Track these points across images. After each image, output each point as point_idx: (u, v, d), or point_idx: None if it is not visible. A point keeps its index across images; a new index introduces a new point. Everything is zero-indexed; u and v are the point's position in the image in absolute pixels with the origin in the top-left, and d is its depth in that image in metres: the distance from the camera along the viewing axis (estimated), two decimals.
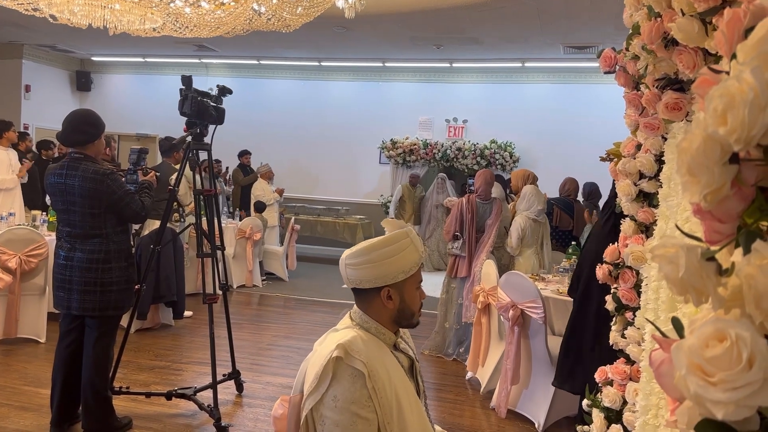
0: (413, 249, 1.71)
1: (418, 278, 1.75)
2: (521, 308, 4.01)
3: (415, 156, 10.43)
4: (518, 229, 5.16)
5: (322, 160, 11.23)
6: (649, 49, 1.57)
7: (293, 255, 8.73)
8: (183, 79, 3.82)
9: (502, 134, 10.22)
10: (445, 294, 5.48)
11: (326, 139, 11.18)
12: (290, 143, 11.29)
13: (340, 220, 10.30)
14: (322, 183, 11.37)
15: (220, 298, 4.08)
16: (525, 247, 5.24)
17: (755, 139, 0.56)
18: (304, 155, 11.31)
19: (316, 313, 6.82)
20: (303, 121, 11.28)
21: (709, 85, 0.70)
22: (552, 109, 10.17)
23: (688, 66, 1.44)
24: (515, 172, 5.87)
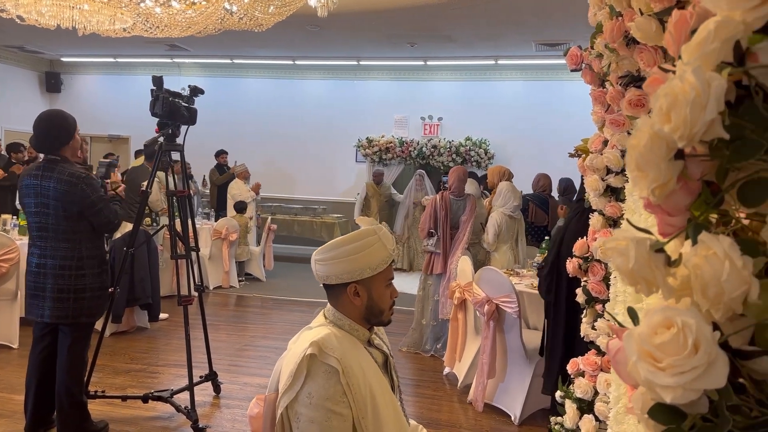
0: (381, 246, 1.72)
1: (387, 276, 1.76)
2: (496, 303, 4.06)
3: (392, 154, 10.45)
4: (494, 225, 5.21)
5: (298, 159, 11.20)
6: (611, 48, 1.61)
7: (270, 255, 8.70)
8: (154, 80, 3.78)
9: (476, 131, 10.30)
10: (422, 291, 5.51)
11: (302, 138, 11.15)
12: (265, 143, 11.24)
13: (317, 219, 10.29)
14: (299, 182, 11.33)
15: (196, 300, 4.06)
16: (501, 242, 5.30)
17: (698, 137, 0.59)
18: (279, 154, 11.26)
19: (294, 313, 6.81)
20: (278, 120, 11.23)
21: (659, 83, 0.73)
22: (525, 105, 10.27)
23: (648, 64, 1.48)
24: (491, 169, 5.93)
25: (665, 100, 0.61)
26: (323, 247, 1.73)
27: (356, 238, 1.71)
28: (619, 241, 0.65)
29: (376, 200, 9.91)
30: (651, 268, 0.64)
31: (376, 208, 9.85)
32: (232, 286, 7.95)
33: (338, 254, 1.69)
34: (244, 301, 7.40)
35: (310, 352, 1.60)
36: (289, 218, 10.37)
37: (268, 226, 8.57)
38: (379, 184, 9.98)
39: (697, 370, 0.57)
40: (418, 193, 9.66)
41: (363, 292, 1.73)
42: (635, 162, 0.63)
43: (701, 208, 0.65)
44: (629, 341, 0.61)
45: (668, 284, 0.64)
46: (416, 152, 10.31)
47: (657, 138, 0.61)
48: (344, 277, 1.70)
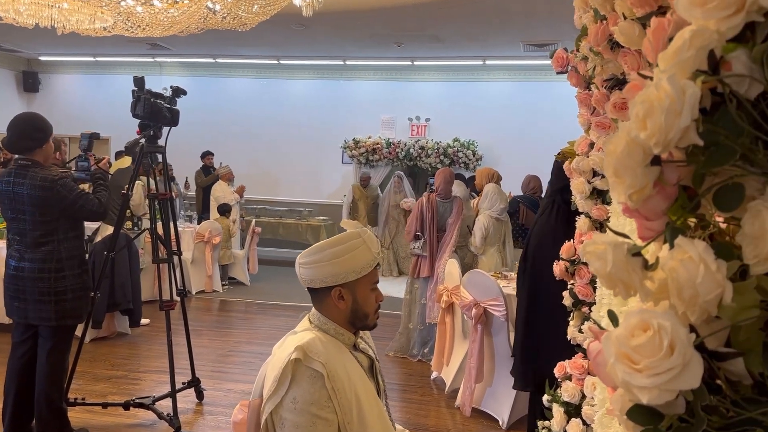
0: (365, 250, 1.74)
1: (372, 279, 1.78)
2: (484, 306, 4.09)
3: (378, 155, 10.47)
4: (482, 228, 5.25)
5: (283, 160, 11.18)
6: (596, 51, 1.64)
7: (254, 258, 8.68)
8: (135, 81, 3.78)
9: (464, 132, 10.35)
10: (409, 294, 5.53)
11: (287, 139, 11.14)
12: (250, 144, 11.21)
13: (303, 221, 10.28)
14: (284, 184, 11.32)
15: (178, 305, 4.05)
16: (488, 245, 5.34)
17: (673, 143, 0.62)
18: (264, 156, 11.24)
19: (279, 318, 6.80)
20: (263, 121, 11.21)
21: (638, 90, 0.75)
22: (513, 106, 10.34)
23: (632, 67, 1.51)
24: (479, 171, 5.96)
25: (641, 107, 0.64)
26: (307, 250, 1.75)
27: (340, 242, 1.72)
28: (597, 245, 0.67)
29: (364, 203, 9.87)
30: (628, 271, 0.66)
31: (364, 211, 9.80)
32: (216, 290, 7.93)
33: (322, 257, 1.70)
34: (227, 306, 7.37)
35: (295, 357, 1.61)
36: (273, 221, 10.35)
37: (253, 228, 8.55)
38: (366, 186, 9.96)
39: (673, 371, 0.59)
40: (397, 196, 9.57)
41: (348, 296, 1.74)
42: (613, 168, 0.65)
43: (678, 212, 0.67)
44: (608, 343, 0.63)
45: (645, 287, 0.66)
46: (403, 153, 10.34)
47: (634, 144, 0.64)
48: (329, 281, 1.71)
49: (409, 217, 5.46)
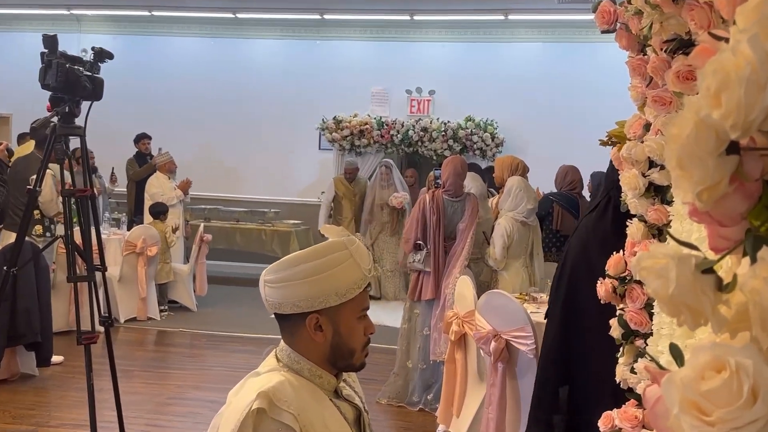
0: (353, 265, 1.74)
1: (360, 304, 1.78)
2: (506, 339, 4.09)
3: (367, 139, 10.48)
4: (503, 234, 5.25)
5: (242, 146, 11.17)
6: (653, 3, 1.65)
7: (203, 276, 8.66)
8: (45, 40, 3.76)
9: (480, 110, 10.37)
10: (407, 323, 5.53)
11: (247, 119, 11.12)
12: (198, 124, 11.19)
13: (267, 226, 10.26)
14: (243, 177, 11.29)
15: (101, 337, 4.03)
16: (511, 258, 5.34)
17: (755, 125, 0.62)
18: (216, 141, 11.22)
19: (236, 354, 6.78)
20: (214, 95, 11.19)
21: (709, 55, 0.76)
22: (544, 76, 10.37)
23: (701, 25, 1.52)
24: (499, 160, 5.96)
25: (714, 79, 0.64)
26: (276, 264, 1.75)
27: (320, 254, 1.72)
28: (656, 259, 0.68)
29: (349, 202, 9.77)
30: (697, 293, 0.66)
31: (350, 212, 9.73)
32: (152, 318, 7.91)
33: (295, 274, 1.70)
34: (167, 339, 7.34)
35: (258, 407, 1.61)
36: (229, 226, 10.32)
37: (201, 236, 8.53)
38: (353, 180, 9.88)
39: (756, 425, 0.59)
40: (384, 191, 9.46)
41: (327, 326, 1.74)
42: (677, 158, 0.66)
43: (762, 216, 0.67)
44: (670, 388, 0.64)
45: (719, 315, 0.67)
46: (400, 137, 10.36)
47: (704, 127, 0.64)
48: (302, 305, 1.71)
49: (408, 220, 5.47)
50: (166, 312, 8.21)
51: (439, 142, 10.21)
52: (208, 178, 10.96)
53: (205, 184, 10.85)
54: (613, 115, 3.17)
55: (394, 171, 9.69)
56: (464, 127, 10.22)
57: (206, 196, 10.92)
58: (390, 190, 9.45)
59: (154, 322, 7.88)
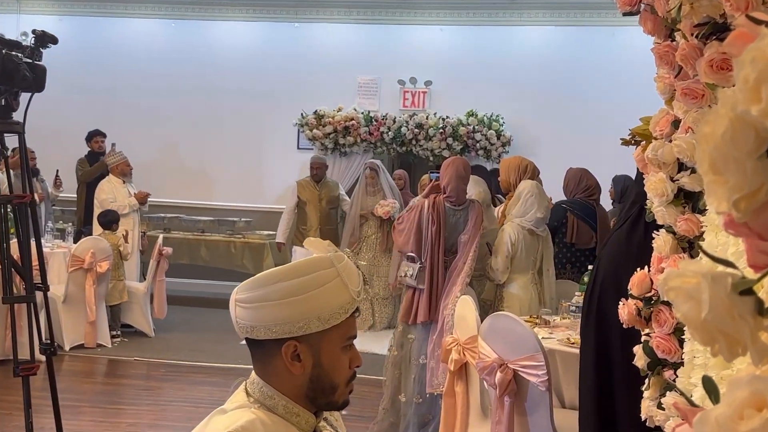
0: (339, 286, 1.73)
1: (346, 332, 1.77)
2: (514, 369, 4.09)
3: (353, 137, 10.47)
4: (507, 242, 5.25)
5: (208, 145, 11.14)
6: None
7: (162, 296, 8.61)
8: None
9: (484, 104, 10.39)
10: (398, 350, 5.51)
11: (214, 114, 11.10)
12: (156, 120, 11.15)
13: (237, 238, 10.23)
14: (208, 181, 11.26)
15: (43, 368, 4.00)
16: (517, 272, 5.34)
17: None
18: (178, 139, 11.20)
19: (200, 387, 6.75)
20: (177, 86, 11.16)
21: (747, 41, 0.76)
22: (558, 64, 10.40)
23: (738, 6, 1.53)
24: (505, 162, 5.95)
25: (753, 69, 0.64)
26: (250, 281, 1.75)
27: (302, 271, 1.72)
28: (686, 278, 0.68)
29: (315, 209, 9.29)
30: (733, 318, 0.66)
31: (315, 220, 9.25)
32: (102, 345, 7.84)
33: (272, 293, 1.70)
34: (120, 369, 7.30)
35: None
36: (192, 237, 10.29)
37: (159, 249, 8.49)
38: (320, 181, 9.44)
39: None
40: (370, 199, 9.05)
41: (307, 356, 1.73)
42: (710, 160, 0.66)
43: None
44: (703, 428, 0.64)
45: (760, 343, 0.67)
46: (391, 134, 10.36)
47: (741, 124, 0.64)
48: (278, 330, 1.70)
49: (401, 226, 5.45)
50: (118, 338, 8.13)
51: (437, 141, 10.22)
52: (168, 182, 10.92)
53: (165, 188, 10.81)
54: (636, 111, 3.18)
55: (382, 174, 9.21)
56: (465, 124, 10.24)
57: (166, 202, 10.88)
58: (378, 197, 9.02)
59: (104, 349, 7.80)
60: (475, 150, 10.20)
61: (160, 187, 10.41)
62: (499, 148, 10.19)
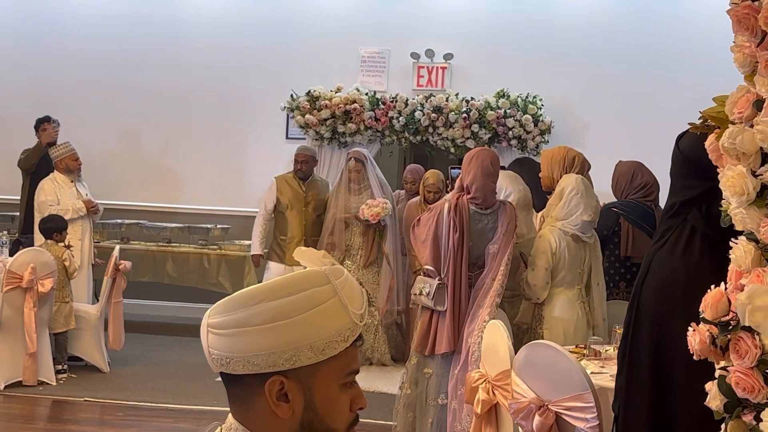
0: (336, 307, 1.73)
1: (346, 365, 1.76)
2: (556, 411, 4.07)
3: (356, 123, 10.45)
4: (547, 250, 5.25)
5: (175, 135, 11.16)
6: None
7: (119, 322, 8.61)
8: None
9: (518, 82, 10.37)
10: (412, 388, 5.51)
11: (184, 97, 11.10)
12: (110, 105, 11.17)
13: (212, 249, 10.23)
14: (177, 180, 11.26)
15: None
16: (561, 287, 5.34)
17: None
18: (140, 128, 11.21)
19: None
20: (139, 65, 11.17)
21: None
22: (611, 33, 10.39)
23: None
24: (547, 153, 5.92)
25: None
26: (225, 301, 1.74)
27: (290, 288, 1.71)
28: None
29: (299, 214, 9.06)
30: None
31: (299, 230, 9.02)
32: (44, 382, 7.84)
33: (253, 317, 1.69)
34: (66, 412, 7.29)
35: None
36: (156, 248, 10.29)
37: (116, 264, 8.49)
38: (307, 178, 9.27)
39: None
40: (354, 198, 8.92)
41: (296, 395, 1.72)
42: None
43: None
44: None
45: None
46: (403, 120, 10.35)
47: None
48: (261, 363, 1.69)
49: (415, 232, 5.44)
50: (65, 374, 8.13)
51: (459, 128, 10.19)
52: (126, 181, 10.95)
53: (123, 188, 10.85)
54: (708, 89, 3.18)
55: (369, 167, 9.07)
56: (495, 107, 10.21)
57: (124, 205, 10.90)
58: (364, 196, 8.89)
59: (48, 388, 7.78)
60: (507, 139, 10.17)
61: (116, 187, 10.44)
62: (536, 137, 10.15)
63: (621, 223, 6.19)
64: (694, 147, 3.19)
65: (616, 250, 6.16)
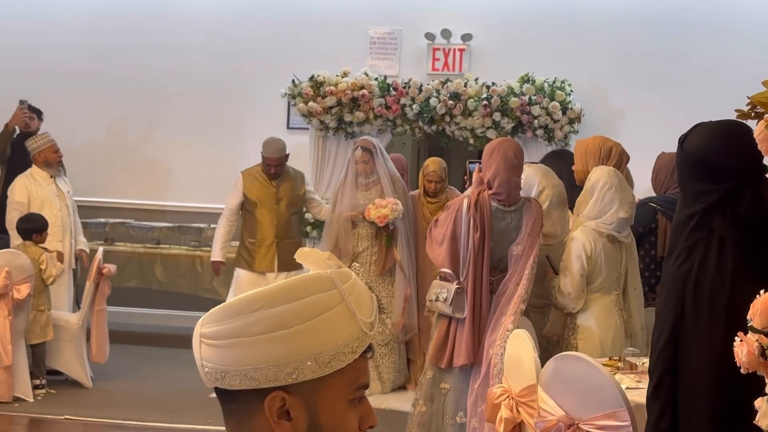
0: (344, 315, 1.72)
1: (354, 379, 1.76)
2: (587, 430, 4.07)
3: (364, 111, 10.45)
4: (580, 255, 5.24)
5: (165, 125, 11.20)
6: None
7: (103, 331, 8.63)
8: None
9: (544, 65, 10.36)
10: (427, 405, 5.52)
11: (173, 82, 11.14)
12: (94, 92, 11.21)
13: (205, 252, 10.22)
14: (165, 174, 11.29)
15: None
16: (597, 293, 5.33)
17: None
18: (125, 115, 11.26)
19: None
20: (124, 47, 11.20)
21: None
22: (648, 11, 10.38)
23: None
24: (582, 144, 5.92)
25: None
26: (220, 309, 1.74)
27: (292, 294, 1.71)
28: None
29: (270, 213, 8.73)
30: None
31: (270, 231, 8.73)
32: (20, 398, 7.88)
33: (250, 326, 1.69)
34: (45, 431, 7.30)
35: None
36: (144, 250, 10.32)
37: (99, 268, 8.50)
38: (278, 175, 8.93)
39: None
40: (362, 194, 8.58)
41: (299, 413, 1.72)
42: None
43: None
44: None
45: None
46: (417, 108, 10.34)
47: None
48: (260, 377, 1.69)
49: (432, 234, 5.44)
50: (43, 389, 8.18)
51: (479, 117, 10.18)
52: (111, 175, 10.98)
53: (108, 184, 10.87)
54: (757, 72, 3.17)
55: (379, 158, 8.68)
56: (518, 93, 10.21)
57: (108, 203, 10.94)
58: (373, 192, 8.56)
59: (24, 405, 7.83)
60: (532, 129, 10.14)
61: (100, 182, 10.48)
62: (564, 127, 10.11)
63: (659, 220, 6.17)
64: (703, 146, 3.21)
65: (652, 250, 6.14)
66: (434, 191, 8.16)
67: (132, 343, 9.72)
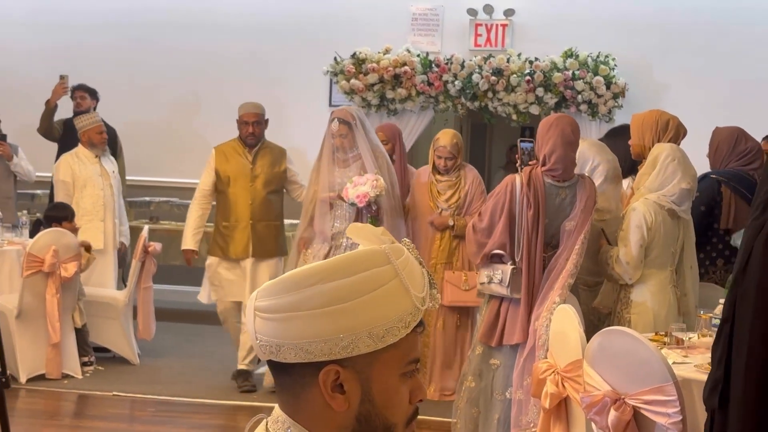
0: (398, 290, 1.72)
1: (406, 354, 1.76)
2: (634, 405, 4.06)
3: (406, 88, 10.43)
4: (641, 225, 5.21)
5: (210, 103, 11.22)
6: None
7: (149, 309, 8.65)
8: None
9: (588, 39, 10.29)
10: (477, 381, 5.51)
11: (216, 60, 11.18)
12: (136, 70, 11.27)
13: None
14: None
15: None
16: (652, 267, 5.31)
17: None
18: (168, 98, 11.33)
19: (203, 430, 6.79)
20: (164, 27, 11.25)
21: None
22: None
23: None
24: (638, 118, 5.88)
25: None
26: (275, 282, 1.74)
27: (348, 269, 1.71)
28: None
29: (245, 192, 8.09)
30: None
31: (246, 211, 8.08)
32: (69, 375, 7.91)
33: (305, 300, 1.69)
34: (93, 408, 7.37)
35: None
36: None
37: (145, 246, 8.51)
38: (255, 145, 8.24)
39: None
40: (340, 171, 7.61)
41: (353, 386, 1.72)
42: None
43: None
44: None
45: None
46: (459, 84, 10.31)
47: None
48: (315, 351, 1.69)
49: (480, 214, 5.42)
50: (91, 366, 8.20)
51: (522, 93, 10.14)
52: (155, 154, 11.01)
53: (153, 163, 10.90)
54: None
55: (359, 130, 7.64)
56: (562, 68, 10.16)
57: (153, 182, 10.97)
58: (352, 169, 7.58)
59: (73, 381, 7.85)
60: (576, 104, 10.11)
61: (144, 162, 10.49)
62: (608, 102, 10.07)
63: (724, 192, 6.11)
64: None
65: (715, 223, 6.09)
66: (444, 168, 7.56)
67: (178, 321, 9.78)
